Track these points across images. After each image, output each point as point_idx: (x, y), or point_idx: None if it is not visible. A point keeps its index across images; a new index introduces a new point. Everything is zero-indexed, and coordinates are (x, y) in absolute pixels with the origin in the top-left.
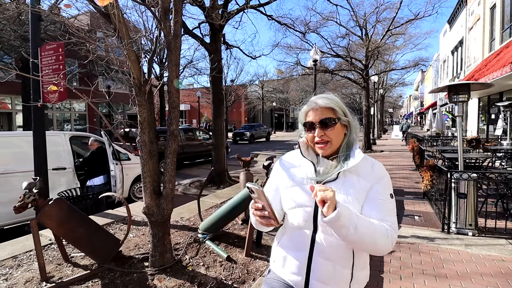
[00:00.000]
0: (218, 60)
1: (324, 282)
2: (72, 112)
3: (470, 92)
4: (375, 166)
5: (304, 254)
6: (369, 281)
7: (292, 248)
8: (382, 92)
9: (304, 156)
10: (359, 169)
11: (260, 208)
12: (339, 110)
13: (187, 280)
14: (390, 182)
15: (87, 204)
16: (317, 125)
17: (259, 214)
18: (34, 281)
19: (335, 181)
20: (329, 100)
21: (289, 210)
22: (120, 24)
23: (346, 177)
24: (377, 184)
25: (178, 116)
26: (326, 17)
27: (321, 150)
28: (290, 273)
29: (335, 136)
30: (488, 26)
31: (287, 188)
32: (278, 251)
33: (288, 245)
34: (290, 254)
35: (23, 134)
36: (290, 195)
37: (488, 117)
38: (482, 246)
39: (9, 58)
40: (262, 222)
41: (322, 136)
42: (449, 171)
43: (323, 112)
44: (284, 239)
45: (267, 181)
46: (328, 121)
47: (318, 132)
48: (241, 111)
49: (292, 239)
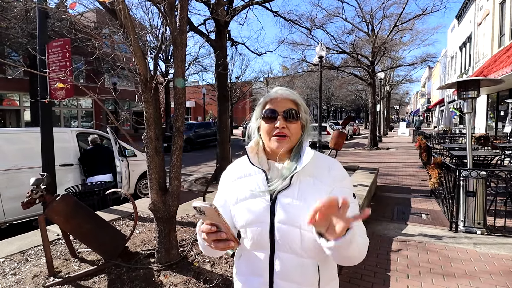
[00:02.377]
0: (223, 56)
1: None
2: (79, 109)
3: (479, 89)
4: (333, 167)
5: (263, 279)
6: (376, 279)
7: (250, 274)
8: (388, 88)
9: (253, 164)
10: (314, 171)
11: (214, 230)
12: (301, 105)
13: (193, 277)
14: (351, 182)
15: (94, 200)
16: (281, 114)
17: (214, 238)
18: (42, 276)
19: (290, 187)
20: (293, 94)
21: (242, 229)
22: (126, 20)
23: (301, 181)
24: (339, 187)
25: (184, 112)
26: (332, 13)
27: (277, 143)
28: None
29: (295, 131)
30: (497, 22)
31: (237, 203)
32: (236, 281)
33: (245, 271)
34: (249, 281)
35: (31, 131)
36: (241, 211)
37: (497, 114)
38: (491, 245)
39: (17, 55)
40: (219, 246)
41: (283, 129)
42: (457, 169)
43: (287, 102)
44: (241, 265)
45: None
46: (293, 113)
47: (281, 123)
48: (246, 108)
49: (249, 264)
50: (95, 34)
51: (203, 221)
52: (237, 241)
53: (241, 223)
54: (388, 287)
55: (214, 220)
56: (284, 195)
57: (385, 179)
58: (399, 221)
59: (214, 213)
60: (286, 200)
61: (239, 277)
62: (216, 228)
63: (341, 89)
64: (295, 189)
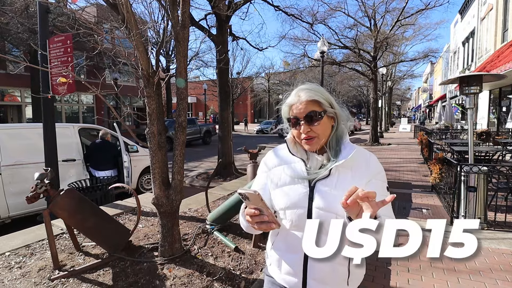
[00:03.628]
0: (225, 51)
1: (322, 281)
2: (80, 105)
3: (482, 84)
4: (371, 160)
5: (299, 256)
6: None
7: (287, 251)
8: (390, 84)
9: (293, 154)
10: (353, 164)
11: (257, 214)
12: (324, 102)
13: (196, 270)
14: (385, 176)
15: (97, 195)
16: (302, 121)
17: (258, 220)
18: (47, 269)
19: (328, 178)
20: (314, 92)
21: (281, 211)
22: (128, 14)
23: (339, 173)
24: (374, 179)
25: (186, 107)
26: (334, 7)
27: (308, 146)
28: (287, 275)
29: (322, 130)
30: (501, 16)
31: (277, 187)
32: (273, 254)
33: (282, 247)
34: (285, 256)
35: (33, 126)
36: (281, 195)
37: (499, 110)
38: (491, 240)
39: (18, 51)
40: (261, 227)
41: (309, 132)
42: (459, 164)
43: (308, 105)
44: (278, 241)
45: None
46: (313, 115)
47: (304, 128)
48: (247, 104)
49: (286, 241)
50: (96, 28)
51: (246, 205)
52: (277, 222)
53: (280, 206)
54: (389, 280)
55: (257, 205)
56: (322, 184)
57: (387, 175)
58: (400, 216)
59: (258, 199)
60: (324, 188)
61: (277, 252)
62: (259, 212)
63: (342, 85)
64: (333, 179)
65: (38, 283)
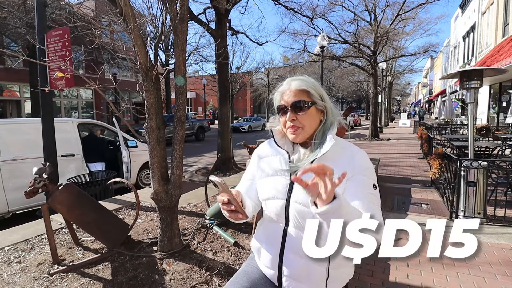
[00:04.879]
0: (224, 46)
1: (297, 279)
2: (79, 100)
3: (483, 78)
4: (357, 156)
5: (275, 248)
6: (376, 267)
7: (265, 241)
8: (390, 79)
9: (279, 146)
10: (335, 157)
11: (226, 202)
12: (314, 93)
13: (195, 265)
14: (374, 173)
15: (96, 190)
16: (289, 108)
17: (226, 208)
18: (46, 264)
19: None
20: (304, 82)
21: (263, 201)
22: (126, 7)
23: None
24: (359, 175)
25: (185, 102)
26: (334, 1)
27: (292, 135)
28: (265, 266)
29: (308, 121)
30: (502, 11)
31: (261, 178)
32: (254, 243)
33: (262, 238)
34: (264, 247)
35: (32, 121)
36: (264, 186)
37: (499, 105)
38: (490, 235)
39: (16, 46)
40: (231, 216)
41: (294, 121)
42: (458, 159)
43: (297, 94)
44: (259, 231)
45: None
46: (301, 104)
47: (290, 115)
48: (246, 99)
49: (266, 232)
50: (94, 22)
51: (219, 193)
52: (244, 214)
53: (263, 196)
54: (388, 275)
55: (226, 192)
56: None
57: (386, 170)
58: (399, 211)
59: (225, 187)
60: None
61: (258, 242)
62: (227, 201)
63: (342, 80)
64: None
65: (37, 278)
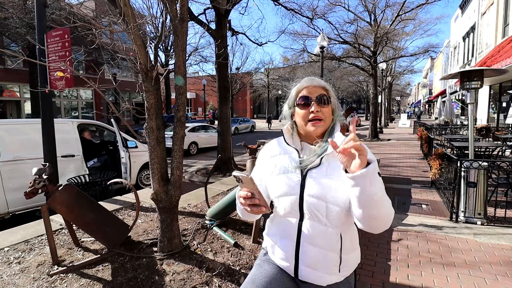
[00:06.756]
0: (224, 46)
1: (313, 267)
2: (79, 100)
3: (483, 79)
4: None
5: (291, 241)
6: (376, 268)
7: (280, 236)
8: (390, 79)
9: (288, 144)
10: None
11: (249, 196)
12: (330, 91)
13: (195, 265)
14: (377, 165)
15: (96, 191)
16: (314, 100)
17: (249, 203)
18: (46, 265)
19: (319, 167)
20: (323, 81)
21: (275, 199)
22: (126, 8)
23: (329, 162)
24: None
25: (185, 102)
26: (334, 2)
27: (314, 127)
28: (280, 260)
29: (328, 115)
30: (502, 11)
31: (272, 176)
32: (267, 240)
33: (276, 233)
34: (279, 241)
35: (32, 122)
36: (276, 183)
37: (499, 105)
38: (491, 235)
39: (16, 46)
40: (253, 210)
41: (318, 113)
42: (459, 159)
43: (318, 90)
44: (273, 227)
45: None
46: (325, 98)
47: (315, 107)
48: (246, 99)
49: (280, 227)
50: (94, 22)
51: (241, 188)
52: (268, 207)
53: (275, 193)
54: (388, 276)
55: (250, 188)
56: (314, 172)
57: (386, 170)
58: (400, 211)
59: (250, 182)
60: (315, 176)
61: (271, 237)
62: (251, 195)
63: (342, 80)
64: (323, 168)
65: (37, 279)
